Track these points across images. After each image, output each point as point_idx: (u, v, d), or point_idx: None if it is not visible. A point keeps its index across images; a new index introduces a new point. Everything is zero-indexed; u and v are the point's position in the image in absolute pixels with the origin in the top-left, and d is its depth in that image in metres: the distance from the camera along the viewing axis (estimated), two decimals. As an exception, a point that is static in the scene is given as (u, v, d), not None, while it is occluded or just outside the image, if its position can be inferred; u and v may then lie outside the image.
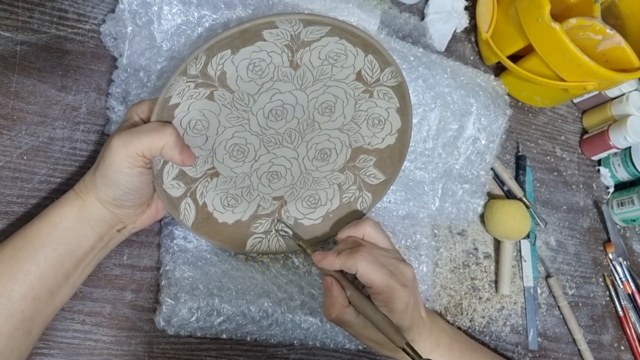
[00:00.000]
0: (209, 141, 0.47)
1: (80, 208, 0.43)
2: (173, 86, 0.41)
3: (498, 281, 0.67)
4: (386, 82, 0.48)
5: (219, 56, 0.42)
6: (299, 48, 0.44)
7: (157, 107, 0.41)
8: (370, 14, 0.56)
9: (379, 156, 0.53)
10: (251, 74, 0.44)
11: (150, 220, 0.48)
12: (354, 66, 0.47)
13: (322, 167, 0.53)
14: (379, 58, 0.46)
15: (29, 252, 0.41)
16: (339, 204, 0.55)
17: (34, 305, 0.40)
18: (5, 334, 0.39)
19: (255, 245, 0.52)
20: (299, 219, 0.54)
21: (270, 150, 0.50)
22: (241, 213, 0.52)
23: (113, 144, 0.40)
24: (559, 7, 0.66)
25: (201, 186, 0.49)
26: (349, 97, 0.49)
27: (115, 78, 0.51)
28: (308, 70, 0.46)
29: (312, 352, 0.55)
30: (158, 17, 0.49)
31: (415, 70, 0.59)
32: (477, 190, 0.65)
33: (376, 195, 0.54)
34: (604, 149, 0.78)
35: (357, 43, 0.45)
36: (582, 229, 0.77)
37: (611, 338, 0.74)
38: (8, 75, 0.49)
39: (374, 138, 0.52)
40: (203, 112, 0.45)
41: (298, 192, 0.53)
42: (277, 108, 0.47)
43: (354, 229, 0.49)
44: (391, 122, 0.51)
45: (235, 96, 0.45)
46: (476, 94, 0.63)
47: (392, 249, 0.49)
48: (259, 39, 0.42)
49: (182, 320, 0.47)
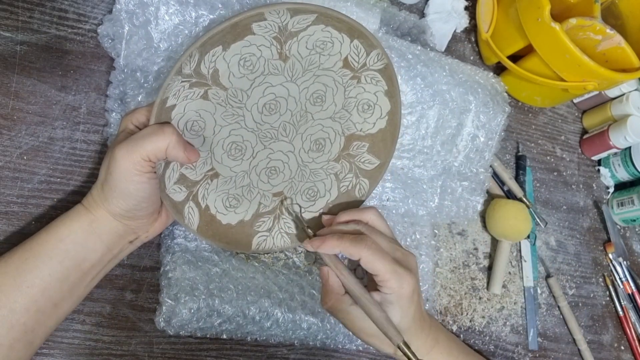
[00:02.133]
0: (207, 142, 0.47)
1: (90, 223, 0.42)
2: (170, 86, 0.41)
3: (490, 279, 0.67)
4: (372, 65, 0.48)
5: (211, 53, 0.42)
6: (287, 39, 0.44)
7: (155, 108, 0.41)
8: (369, 12, 0.56)
9: (372, 141, 0.53)
10: (243, 70, 0.44)
11: (162, 227, 0.48)
12: (341, 53, 0.47)
13: (318, 158, 0.53)
14: (364, 42, 0.46)
15: (34, 265, 0.40)
16: (337, 193, 0.55)
17: (37, 317, 0.40)
18: (6, 345, 0.39)
19: (261, 244, 0.52)
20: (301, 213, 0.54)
21: (267, 146, 0.50)
22: (243, 213, 0.52)
23: (117, 154, 0.39)
24: (559, 7, 0.66)
25: (202, 189, 0.49)
26: (338, 85, 0.49)
27: (112, 79, 0.51)
28: (297, 61, 0.46)
29: (312, 352, 0.55)
30: (155, 17, 0.49)
31: (413, 68, 0.59)
32: (477, 188, 0.65)
33: (373, 181, 0.54)
34: (604, 149, 0.78)
35: (343, 29, 0.45)
36: (582, 229, 0.77)
37: (611, 338, 0.74)
38: (8, 75, 0.49)
39: (365, 124, 0.52)
40: (199, 112, 0.44)
41: (297, 186, 0.53)
42: (271, 102, 0.47)
43: (358, 214, 0.48)
44: (380, 105, 0.51)
45: (228, 93, 0.45)
46: (475, 91, 0.63)
47: (393, 239, 0.49)
48: (249, 33, 0.42)
49: (183, 320, 0.47)
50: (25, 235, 0.42)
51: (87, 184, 0.50)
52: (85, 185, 0.50)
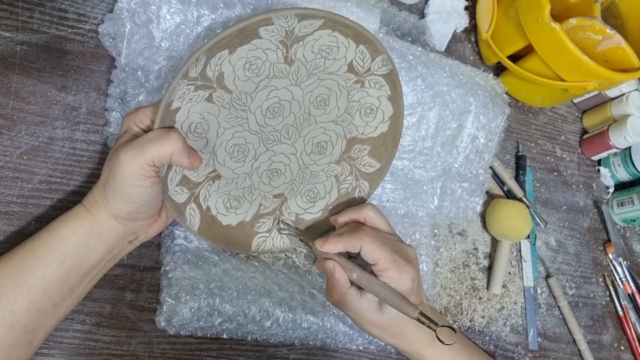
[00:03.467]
0: (210, 144, 0.47)
1: (91, 224, 0.42)
2: (175, 90, 0.41)
3: (490, 279, 0.67)
4: (377, 70, 0.49)
5: (217, 57, 0.42)
6: (293, 43, 0.44)
7: (159, 112, 0.41)
8: (369, 13, 0.56)
9: (373, 145, 0.53)
10: (248, 73, 0.44)
11: (161, 228, 0.48)
12: (346, 57, 0.47)
13: (319, 160, 0.53)
14: (370, 48, 0.47)
15: (35, 266, 0.40)
16: (337, 195, 0.55)
17: (37, 318, 0.40)
18: (6, 345, 0.39)
19: (260, 245, 0.53)
20: (300, 215, 0.54)
21: (269, 148, 0.50)
22: (244, 214, 0.52)
23: (121, 158, 0.39)
24: (559, 7, 0.66)
25: (204, 190, 0.49)
26: (342, 89, 0.49)
27: (113, 78, 0.51)
28: (302, 65, 0.46)
29: (312, 352, 0.55)
30: (157, 16, 0.49)
31: (414, 69, 0.59)
32: (476, 189, 0.65)
33: (373, 183, 0.55)
34: (604, 149, 0.78)
35: (349, 34, 0.45)
36: (582, 229, 0.77)
37: (611, 338, 0.74)
38: (8, 75, 0.49)
39: (367, 127, 0.53)
40: (203, 114, 0.45)
41: (297, 188, 0.53)
42: (274, 105, 0.47)
43: (356, 212, 0.49)
44: (383, 110, 0.52)
45: (233, 96, 0.45)
46: (475, 92, 0.63)
47: (393, 233, 0.49)
48: (255, 37, 0.42)
49: (183, 320, 0.47)
50: (25, 235, 0.42)
51: (87, 184, 0.50)
52: (85, 185, 0.50)
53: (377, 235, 0.45)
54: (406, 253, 0.46)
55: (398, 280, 0.44)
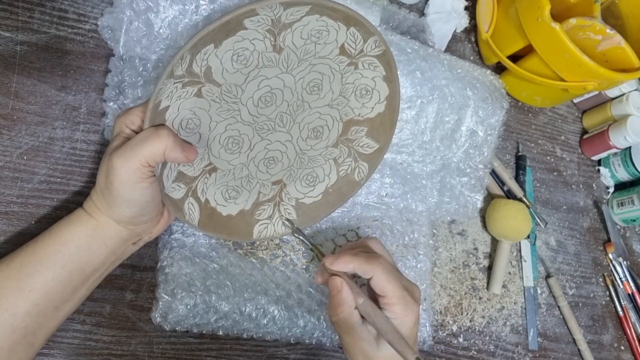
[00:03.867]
0: (203, 138, 0.46)
1: (94, 228, 0.42)
2: (162, 90, 0.41)
3: (490, 279, 0.67)
4: (370, 52, 0.48)
5: (203, 52, 0.42)
6: (281, 31, 0.44)
7: (148, 113, 0.41)
8: (369, 11, 0.56)
9: (371, 125, 0.53)
10: (236, 65, 0.44)
11: (164, 227, 0.48)
12: (337, 41, 0.47)
13: (316, 145, 0.53)
14: (361, 29, 0.46)
15: (37, 269, 0.40)
16: (336, 178, 0.55)
17: (38, 320, 0.40)
18: (7, 348, 0.39)
19: (262, 232, 0.52)
20: (300, 199, 0.54)
21: (264, 137, 0.50)
22: (243, 203, 0.52)
23: (115, 163, 0.39)
24: (559, 7, 0.66)
25: (201, 183, 0.49)
26: (335, 72, 0.49)
27: (111, 67, 0.50)
28: (292, 52, 0.46)
29: (312, 352, 0.55)
30: (156, 5, 0.49)
31: (412, 62, 0.59)
32: (476, 185, 0.65)
33: (372, 164, 0.54)
34: (604, 149, 0.78)
35: (338, 17, 0.45)
36: (582, 229, 0.77)
37: (611, 338, 0.74)
38: (8, 75, 0.49)
39: (364, 108, 0.52)
40: (193, 110, 0.44)
41: (296, 173, 0.53)
42: (266, 94, 0.47)
43: (361, 243, 0.48)
44: (379, 90, 0.51)
45: (222, 89, 0.45)
46: (473, 86, 0.63)
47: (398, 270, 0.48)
48: (241, 28, 0.42)
49: (179, 316, 0.47)
50: (26, 235, 0.42)
51: (88, 184, 0.50)
52: (85, 185, 0.50)
53: (391, 268, 0.44)
54: (412, 291, 0.45)
55: (403, 318, 0.43)
